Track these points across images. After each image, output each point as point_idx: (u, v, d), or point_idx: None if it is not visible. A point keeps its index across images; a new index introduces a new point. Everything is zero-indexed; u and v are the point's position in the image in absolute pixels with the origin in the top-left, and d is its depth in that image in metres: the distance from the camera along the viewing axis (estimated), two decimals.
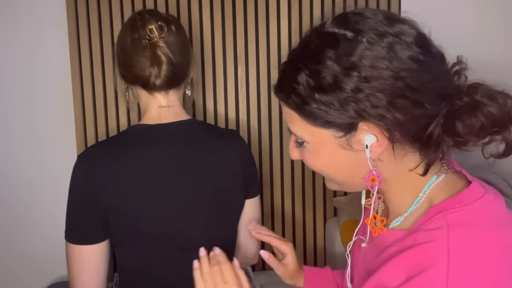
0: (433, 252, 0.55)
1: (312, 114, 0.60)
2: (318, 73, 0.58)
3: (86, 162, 0.88)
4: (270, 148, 1.32)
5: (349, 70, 0.56)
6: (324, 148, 0.63)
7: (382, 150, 0.60)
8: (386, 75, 0.55)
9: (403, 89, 0.56)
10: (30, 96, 1.34)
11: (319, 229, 1.35)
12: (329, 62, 0.57)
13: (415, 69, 0.56)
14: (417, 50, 0.56)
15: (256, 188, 1.02)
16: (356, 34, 0.57)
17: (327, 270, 0.95)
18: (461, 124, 0.58)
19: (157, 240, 0.89)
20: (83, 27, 1.26)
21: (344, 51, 0.57)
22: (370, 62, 0.56)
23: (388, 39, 0.56)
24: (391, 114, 0.56)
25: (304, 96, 0.60)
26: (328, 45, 0.58)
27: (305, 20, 1.25)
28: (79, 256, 0.87)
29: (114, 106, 1.30)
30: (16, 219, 1.40)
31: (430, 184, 0.63)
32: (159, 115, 0.93)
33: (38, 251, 1.41)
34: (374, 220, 0.67)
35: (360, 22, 0.58)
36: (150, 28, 0.88)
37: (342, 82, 0.56)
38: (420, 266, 0.55)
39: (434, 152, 0.60)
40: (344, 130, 0.60)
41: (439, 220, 0.58)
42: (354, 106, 0.57)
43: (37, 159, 1.37)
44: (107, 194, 0.86)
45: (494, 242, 0.55)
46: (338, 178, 0.66)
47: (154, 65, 0.88)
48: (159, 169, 0.88)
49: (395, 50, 0.56)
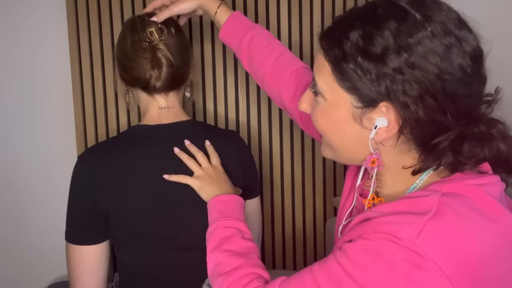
0: (423, 204, 0.56)
1: (345, 73, 0.60)
2: (372, 38, 0.57)
3: (87, 162, 0.88)
4: (270, 148, 1.32)
5: (401, 49, 0.56)
6: (337, 111, 0.63)
7: (388, 136, 0.60)
8: (432, 70, 0.55)
9: (438, 90, 0.56)
10: (30, 96, 1.34)
11: (319, 229, 1.35)
12: (387, 32, 0.56)
13: (458, 78, 0.56)
14: (469, 63, 0.57)
15: (256, 188, 1.02)
16: (425, 19, 0.57)
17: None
18: (468, 147, 0.59)
19: (157, 240, 0.89)
20: (83, 27, 1.26)
21: (406, 29, 0.56)
22: (424, 51, 0.55)
23: (451, 39, 0.56)
24: (415, 107, 0.57)
25: (347, 53, 0.59)
26: (394, 17, 0.57)
27: (305, 20, 1.25)
28: (79, 257, 0.87)
29: (114, 106, 1.30)
30: (16, 219, 1.40)
31: (428, 172, 0.64)
32: (159, 116, 0.93)
33: (38, 251, 1.41)
34: (373, 201, 0.68)
35: (434, 10, 0.57)
36: (150, 30, 0.89)
37: (389, 58, 0.56)
38: (407, 209, 0.57)
39: (432, 161, 0.61)
40: (365, 102, 0.60)
41: (436, 186, 0.59)
42: (387, 84, 0.57)
43: (37, 159, 1.37)
44: (107, 194, 0.86)
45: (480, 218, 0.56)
46: (336, 145, 0.67)
47: (155, 68, 0.88)
48: (159, 170, 0.88)
49: (451, 52, 0.56)
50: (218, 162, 0.91)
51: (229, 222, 0.81)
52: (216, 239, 0.79)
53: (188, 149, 0.91)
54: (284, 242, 1.36)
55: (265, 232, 1.34)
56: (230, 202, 0.85)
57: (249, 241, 0.80)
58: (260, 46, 0.97)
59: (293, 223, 1.35)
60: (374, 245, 0.56)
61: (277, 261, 1.36)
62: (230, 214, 0.82)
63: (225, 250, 0.76)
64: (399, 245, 0.54)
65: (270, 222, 1.35)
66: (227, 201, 0.84)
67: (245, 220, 1.01)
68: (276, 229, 1.35)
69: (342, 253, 0.59)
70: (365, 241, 0.57)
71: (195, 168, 0.89)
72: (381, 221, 0.57)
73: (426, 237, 0.53)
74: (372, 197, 0.68)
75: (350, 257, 0.58)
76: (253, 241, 0.81)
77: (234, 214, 0.82)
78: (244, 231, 0.81)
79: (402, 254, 0.54)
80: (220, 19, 0.98)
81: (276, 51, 0.97)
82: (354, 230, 0.61)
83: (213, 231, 0.80)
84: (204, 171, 0.88)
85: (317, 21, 1.25)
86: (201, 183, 0.87)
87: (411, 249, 0.53)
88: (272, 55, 0.96)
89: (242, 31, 0.98)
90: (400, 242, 0.54)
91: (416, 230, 0.53)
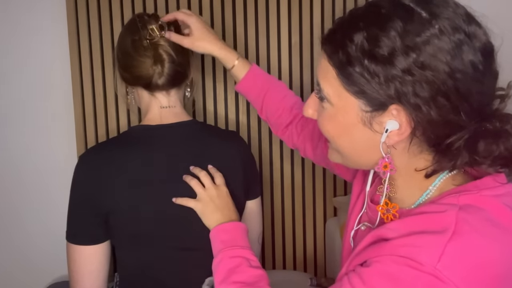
0: (440, 221, 0.54)
1: (351, 77, 0.57)
2: (377, 40, 0.55)
3: (87, 163, 0.88)
4: (270, 148, 1.32)
5: (409, 50, 0.53)
6: (345, 116, 0.61)
7: (400, 139, 0.58)
8: (442, 69, 0.53)
9: (451, 89, 0.54)
10: (30, 96, 1.34)
11: (319, 229, 1.35)
12: (394, 33, 0.54)
13: (470, 76, 0.54)
14: (480, 59, 0.55)
15: (257, 189, 1.02)
16: (432, 17, 0.54)
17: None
18: (483, 145, 0.56)
19: (157, 240, 0.89)
20: (83, 27, 1.26)
21: (413, 28, 0.54)
22: (433, 50, 0.53)
23: (460, 35, 0.54)
24: (427, 109, 0.55)
25: (352, 57, 0.56)
26: (400, 16, 0.55)
27: (305, 20, 1.25)
28: (80, 257, 0.87)
29: (114, 107, 1.30)
30: (16, 219, 1.40)
31: (441, 178, 0.62)
32: (160, 116, 0.93)
33: (38, 251, 1.41)
34: (386, 207, 0.65)
35: (440, 7, 0.55)
36: (151, 28, 0.89)
37: (397, 59, 0.54)
38: (424, 228, 0.54)
39: (447, 162, 0.59)
40: (374, 106, 0.58)
41: (452, 199, 0.57)
42: (397, 86, 0.55)
43: (37, 159, 1.37)
44: (108, 194, 0.86)
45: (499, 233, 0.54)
46: (345, 150, 0.65)
47: (157, 63, 0.89)
48: (159, 170, 0.88)
49: (461, 49, 0.54)
50: (222, 182, 0.89)
51: (234, 251, 0.78)
52: (223, 271, 0.77)
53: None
54: (284, 242, 1.36)
55: (265, 232, 1.34)
56: (233, 230, 0.83)
57: (257, 269, 0.77)
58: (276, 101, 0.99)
59: (293, 223, 1.35)
60: (393, 271, 0.53)
61: (277, 261, 1.37)
62: (234, 243, 0.80)
63: (233, 281, 0.75)
64: (420, 270, 0.51)
65: (270, 223, 1.35)
66: (230, 230, 0.82)
67: (246, 221, 1.01)
68: (276, 229, 1.35)
69: (359, 279, 0.56)
70: (383, 265, 0.54)
71: (198, 190, 0.87)
72: (399, 244, 0.55)
73: (447, 261, 0.51)
74: (385, 202, 0.66)
75: (367, 283, 0.55)
76: (261, 267, 0.79)
77: (239, 242, 0.80)
78: (251, 258, 0.79)
79: (423, 280, 0.51)
80: (237, 74, 0.96)
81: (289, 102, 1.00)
82: (368, 250, 0.59)
83: (219, 263, 0.78)
84: (207, 193, 0.86)
85: (317, 21, 1.25)
86: (203, 208, 0.86)
87: (432, 274, 0.51)
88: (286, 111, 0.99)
89: (258, 89, 0.97)
90: (420, 268, 0.51)
91: (437, 253, 0.51)
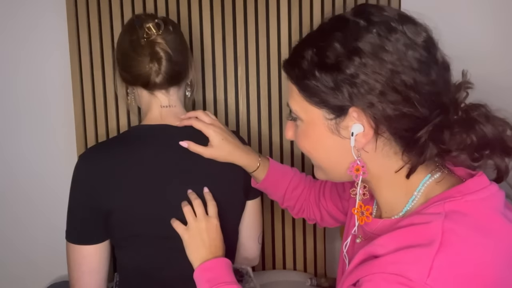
0: (426, 233, 0.55)
1: (309, 89, 0.63)
2: (323, 51, 0.61)
3: (88, 162, 0.88)
4: (270, 148, 1.32)
5: (351, 54, 0.58)
6: (315, 129, 0.65)
7: (366, 141, 0.61)
8: (385, 66, 0.57)
9: (398, 83, 0.57)
10: (30, 97, 1.34)
11: (319, 229, 1.35)
12: (336, 43, 0.60)
13: (415, 69, 0.58)
14: (421, 52, 0.58)
15: (257, 189, 1.02)
16: (368, 24, 0.59)
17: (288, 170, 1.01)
18: (449, 133, 0.59)
19: (157, 240, 0.89)
20: (83, 27, 1.26)
21: (351, 35, 0.59)
22: (373, 50, 0.58)
23: (397, 35, 0.58)
24: (381, 105, 0.58)
25: (305, 71, 0.62)
26: (339, 28, 0.61)
27: (305, 20, 1.25)
28: (79, 256, 0.87)
29: (114, 107, 1.30)
30: (16, 219, 1.40)
31: (424, 182, 0.64)
32: (161, 115, 0.93)
33: (38, 251, 1.41)
34: (361, 209, 0.68)
35: (375, 14, 0.60)
36: (148, 26, 0.89)
37: (343, 64, 0.59)
38: (411, 242, 0.56)
39: (417, 156, 0.61)
40: (335, 112, 0.62)
41: (437, 207, 0.58)
42: (348, 89, 0.59)
43: (37, 159, 1.37)
44: (108, 194, 0.86)
45: (487, 239, 0.55)
46: (323, 163, 0.68)
47: (154, 61, 0.89)
48: (159, 170, 0.88)
49: (400, 46, 0.58)
50: (214, 213, 0.89)
51: None
52: None
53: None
54: (284, 242, 1.36)
55: (265, 232, 1.34)
56: (217, 267, 0.83)
57: None
58: (294, 196, 1.01)
59: (293, 223, 1.35)
60: None
61: (277, 261, 1.36)
62: (219, 280, 0.80)
63: None
64: (410, 287, 0.52)
65: (270, 222, 1.35)
66: (214, 268, 0.83)
67: (246, 222, 1.01)
68: (276, 229, 1.35)
69: None
70: (374, 285, 0.55)
71: (189, 219, 0.87)
72: (388, 261, 0.55)
73: (437, 275, 0.52)
74: (359, 205, 0.68)
75: None
76: None
77: (223, 279, 0.81)
78: None
79: None
80: (258, 176, 0.97)
81: (305, 189, 1.01)
82: (360, 269, 0.59)
83: None
84: (197, 224, 0.86)
85: (317, 21, 1.24)
86: (189, 240, 0.86)
87: None
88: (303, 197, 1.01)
89: (276, 186, 0.99)
90: (411, 284, 0.52)
91: (425, 268, 0.52)
